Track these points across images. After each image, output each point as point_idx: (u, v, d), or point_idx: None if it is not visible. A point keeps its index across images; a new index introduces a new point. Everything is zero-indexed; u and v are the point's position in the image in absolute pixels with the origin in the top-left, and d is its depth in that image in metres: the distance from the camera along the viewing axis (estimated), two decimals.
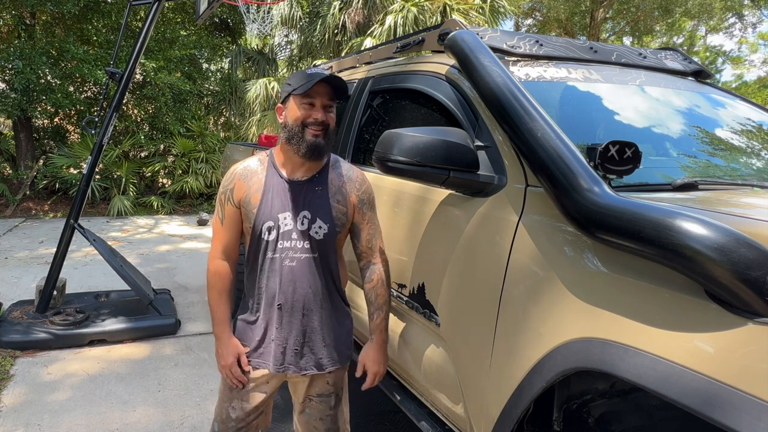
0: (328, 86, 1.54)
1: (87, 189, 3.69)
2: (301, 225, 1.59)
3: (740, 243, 0.91)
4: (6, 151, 8.55)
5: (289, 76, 1.61)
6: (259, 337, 1.63)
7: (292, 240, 1.58)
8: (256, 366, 1.65)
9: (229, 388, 1.69)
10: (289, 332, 1.61)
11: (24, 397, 2.78)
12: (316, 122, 1.53)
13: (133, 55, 3.66)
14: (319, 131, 1.54)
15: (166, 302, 3.96)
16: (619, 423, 1.35)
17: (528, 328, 1.31)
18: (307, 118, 1.53)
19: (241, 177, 1.64)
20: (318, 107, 1.54)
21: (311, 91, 1.52)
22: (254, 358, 1.65)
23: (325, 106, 1.55)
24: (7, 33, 8.51)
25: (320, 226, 1.59)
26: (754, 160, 1.93)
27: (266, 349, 1.63)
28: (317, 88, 1.52)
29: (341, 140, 2.67)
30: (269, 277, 1.60)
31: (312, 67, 1.57)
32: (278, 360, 1.62)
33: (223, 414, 1.70)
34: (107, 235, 6.67)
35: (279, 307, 1.60)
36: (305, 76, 1.53)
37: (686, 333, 0.97)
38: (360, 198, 1.68)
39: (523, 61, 1.93)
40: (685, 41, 24.06)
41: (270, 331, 1.62)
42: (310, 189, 1.61)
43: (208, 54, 10.64)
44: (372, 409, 2.80)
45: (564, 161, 1.25)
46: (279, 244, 1.58)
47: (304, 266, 1.59)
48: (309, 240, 1.59)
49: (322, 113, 1.54)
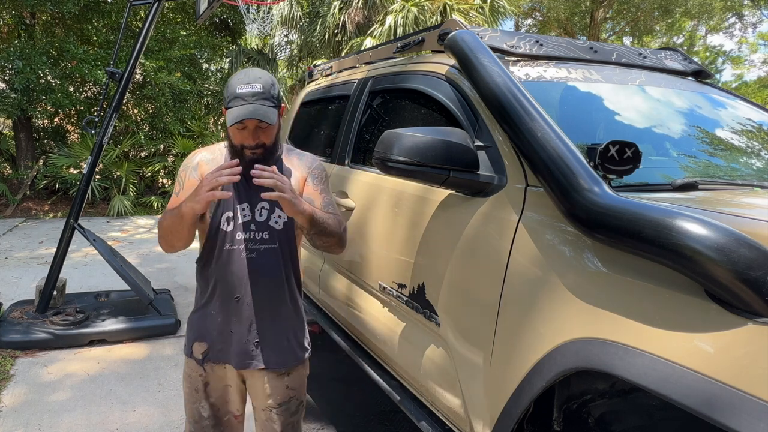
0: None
1: (87, 189, 3.69)
2: (260, 216, 1.57)
3: (740, 243, 0.91)
4: (6, 151, 8.55)
5: (228, 80, 1.53)
6: (218, 331, 1.61)
7: (251, 231, 1.57)
8: (216, 362, 1.63)
9: (195, 389, 1.67)
10: (249, 325, 1.59)
11: (24, 397, 2.78)
12: (250, 146, 1.50)
13: (133, 55, 3.65)
14: (257, 151, 1.51)
15: (166, 302, 3.95)
16: (619, 423, 1.35)
17: (528, 328, 1.31)
18: (243, 142, 1.50)
19: (203, 159, 1.63)
20: (249, 131, 1.48)
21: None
22: (214, 353, 1.62)
23: (258, 126, 1.49)
24: (7, 33, 8.51)
25: (279, 215, 1.58)
26: (754, 160, 1.93)
27: (226, 344, 1.61)
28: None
29: (341, 140, 2.67)
30: (227, 269, 1.57)
31: (242, 85, 1.46)
32: (238, 354, 1.60)
33: (195, 414, 1.69)
34: (107, 235, 6.67)
35: (237, 299, 1.57)
36: (233, 96, 1.46)
37: (686, 333, 0.97)
38: (310, 173, 1.66)
39: (523, 61, 1.93)
40: (685, 41, 24.07)
41: (229, 325, 1.60)
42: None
43: (208, 54, 10.64)
44: (372, 409, 2.80)
45: (564, 161, 1.25)
46: (237, 235, 1.56)
47: (264, 258, 1.58)
48: (269, 230, 1.58)
49: (252, 138, 1.49)
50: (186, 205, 1.42)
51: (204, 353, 1.63)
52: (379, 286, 2.06)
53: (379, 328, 2.08)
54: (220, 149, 1.66)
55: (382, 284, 2.04)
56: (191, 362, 1.67)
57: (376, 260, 2.12)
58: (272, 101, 1.49)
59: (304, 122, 3.47)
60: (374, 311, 2.14)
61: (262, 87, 1.47)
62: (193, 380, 1.68)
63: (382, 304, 2.10)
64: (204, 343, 1.63)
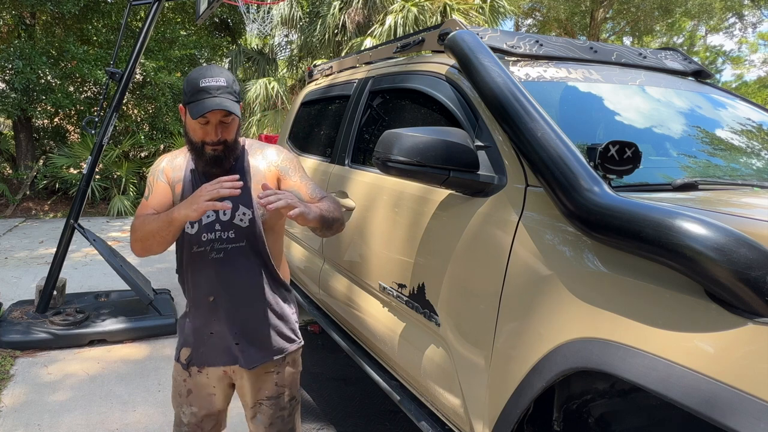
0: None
1: (87, 189, 3.69)
2: (224, 215, 1.55)
3: (740, 243, 0.91)
4: (6, 151, 8.55)
5: (186, 78, 1.50)
6: (199, 335, 1.61)
7: (216, 231, 1.55)
8: (200, 366, 1.63)
9: (179, 393, 1.67)
10: (228, 326, 1.58)
11: (24, 397, 2.78)
12: (211, 142, 1.48)
13: (133, 55, 3.65)
14: (218, 147, 1.49)
15: (166, 302, 3.95)
16: (619, 423, 1.35)
17: (528, 328, 1.31)
18: (204, 138, 1.48)
19: (167, 162, 1.62)
20: (212, 126, 1.46)
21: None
22: (197, 357, 1.62)
23: (221, 121, 1.47)
24: (7, 33, 8.51)
25: (244, 212, 1.55)
26: (754, 160, 1.93)
27: (207, 347, 1.61)
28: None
29: (341, 140, 2.67)
30: (198, 271, 1.57)
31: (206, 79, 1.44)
32: (221, 356, 1.59)
33: (176, 419, 1.70)
34: (107, 235, 6.66)
35: (213, 301, 1.57)
36: (195, 90, 1.43)
37: (686, 333, 0.97)
38: (280, 167, 1.63)
39: (523, 61, 1.93)
40: (685, 41, 24.07)
41: (208, 327, 1.60)
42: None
43: (208, 54, 10.63)
44: (372, 409, 2.80)
45: (564, 161, 1.25)
46: (203, 236, 1.55)
47: (233, 257, 1.56)
48: (234, 229, 1.56)
49: (215, 134, 1.47)
50: (179, 212, 1.39)
51: (187, 358, 1.63)
52: (379, 286, 2.06)
53: (379, 328, 2.08)
54: (182, 152, 1.64)
55: (382, 284, 2.04)
56: (177, 366, 1.68)
57: (376, 260, 2.12)
58: (235, 96, 1.48)
59: (304, 122, 3.47)
60: (374, 311, 2.14)
61: (225, 81, 1.46)
62: (177, 384, 1.69)
63: (382, 304, 2.10)
64: (188, 348, 1.64)
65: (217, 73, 1.47)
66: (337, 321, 2.56)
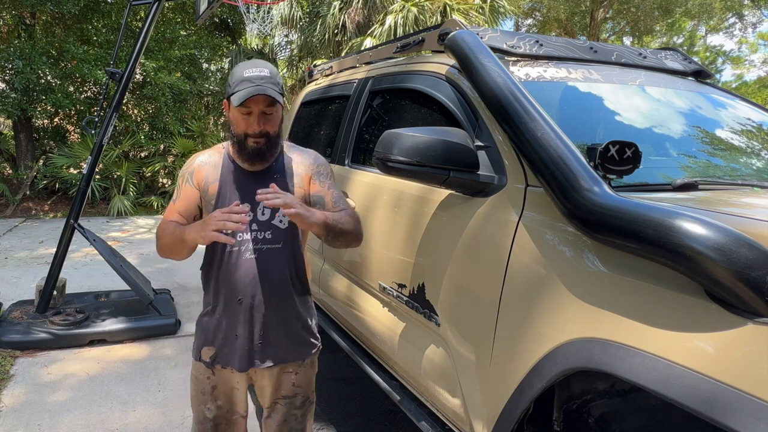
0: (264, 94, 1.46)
1: (87, 189, 3.69)
2: (262, 215, 1.55)
3: (740, 243, 0.91)
4: (6, 151, 8.55)
5: (230, 72, 1.55)
6: (223, 334, 1.60)
7: (253, 231, 1.55)
8: (223, 365, 1.62)
9: (202, 392, 1.67)
10: (254, 327, 1.57)
11: (24, 397, 2.78)
12: (254, 133, 1.50)
13: (133, 55, 3.65)
14: (260, 140, 1.51)
15: (166, 302, 3.95)
16: (619, 423, 1.35)
17: (528, 328, 1.31)
18: (246, 130, 1.50)
19: (200, 163, 1.62)
20: (255, 116, 1.49)
21: (247, 101, 1.46)
22: (221, 357, 1.62)
23: (263, 112, 1.49)
24: (7, 33, 8.51)
25: (284, 214, 1.55)
26: (754, 160, 1.93)
27: (231, 347, 1.60)
28: (253, 97, 1.46)
29: (341, 140, 2.67)
30: (229, 270, 1.56)
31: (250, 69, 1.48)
32: (244, 356, 1.59)
33: (200, 416, 1.69)
34: (107, 235, 6.66)
35: (239, 301, 1.56)
36: (239, 80, 1.47)
37: (686, 333, 0.97)
38: (315, 171, 1.65)
39: (523, 61, 1.93)
40: (685, 41, 24.07)
41: (234, 328, 1.58)
42: (269, 177, 1.57)
43: (208, 54, 10.64)
44: (372, 409, 2.80)
45: (564, 161, 1.25)
46: (239, 236, 1.54)
47: (267, 257, 1.56)
48: (272, 230, 1.56)
49: (258, 125, 1.49)
50: (190, 234, 1.44)
51: (212, 357, 1.63)
52: (379, 286, 2.06)
53: (379, 328, 2.08)
54: (219, 150, 1.65)
55: (382, 284, 2.04)
56: (199, 365, 1.66)
57: (376, 260, 2.12)
58: (278, 88, 1.50)
59: (304, 122, 3.47)
60: (374, 311, 2.14)
61: (269, 72, 1.49)
62: (200, 383, 1.68)
63: (382, 304, 2.10)
64: (212, 347, 1.63)
65: (261, 65, 1.51)
66: (337, 321, 2.56)
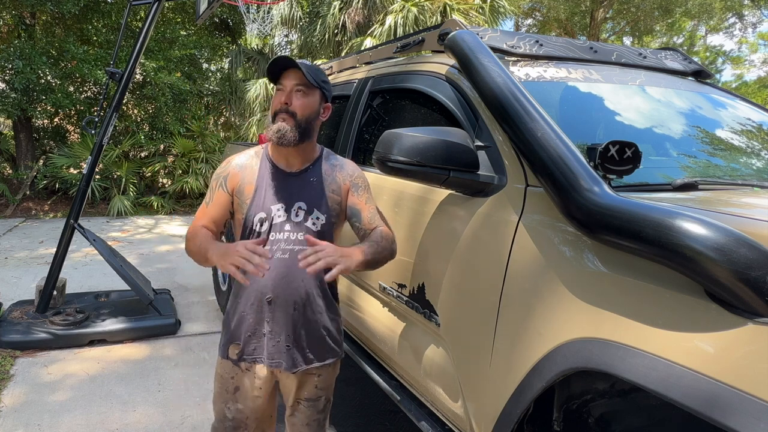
0: (296, 69, 1.53)
1: (87, 189, 3.69)
2: (296, 216, 1.56)
3: (740, 243, 0.91)
4: (6, 151, 8.55)
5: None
6: (251, 332, 1.60)
7: (285, 232, 1.56)
8: (249, 362, 1.63)
9: (225, 390, 1.67)
10: (282, 327, 1.58)
11: (24, 397, 2.78)
12: (282, 109, 1.53)
13: (133, 55, 3.65)
14: (286, 117, 1.53)
15: (166, 302, 3.95)
16: (619, 423, 1.35)
17: (528, 328, 1.31)
18: (276, 108, 1.54)
19: (236, 166, 1.63)
20: (285, 92, 1.54)
21: (279, 75, 1.54)
22: (247, 354, 1.62)
23: (295, 90, 1.54)
24: (7, 33, 8.51)
25: (317, 216, 1.57)
26: (754, 160, 1.93)
27: (258, 345, 1.60)
28: (286, 72, 1.53)
29: (341, 140, 2.67)
30: None
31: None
32: (270, 355, 1.59)
33: (220, 414, 1.70)
34: (107, 235, 6.66)
35: (269, 300, 1.56)
36: (272, 61, 1.54)
37: (686, 333, 0.97)
38: (353, 182, 1.66)
39: (523, 61, 1.93)
40: (685, 41, 24.07)
41: (261, 326, 1.59)
42: (305, 180, 1.60)
43: (208, 54, 10.64)
44: (372, 409, 2.80)
45: (564, 161, 1.25)
46: (271, 236, 1.55)
47: (298, 259, 1.57)
48: (305, 231, 1.57)
49: (286, 96, 1.53)
50: (212, 255, 1.47)
51: (238, 354, 1.63)
52: (379, 286, 2.06)
53: (379, 328, 2.08)
54: (256, 153, 1.66)
55: (382, 284, 2.04)
56: (226, 363, 1.66)
57: None
58: (312, 73, 1.54)
59: None
60: (374, 311, 2.14)
61: (306, 61, 1.55)
62: (224, 381, 1.68)
63: (382, 304, 2.10)
64: (238, 345, 1.63)
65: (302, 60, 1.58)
66: None
